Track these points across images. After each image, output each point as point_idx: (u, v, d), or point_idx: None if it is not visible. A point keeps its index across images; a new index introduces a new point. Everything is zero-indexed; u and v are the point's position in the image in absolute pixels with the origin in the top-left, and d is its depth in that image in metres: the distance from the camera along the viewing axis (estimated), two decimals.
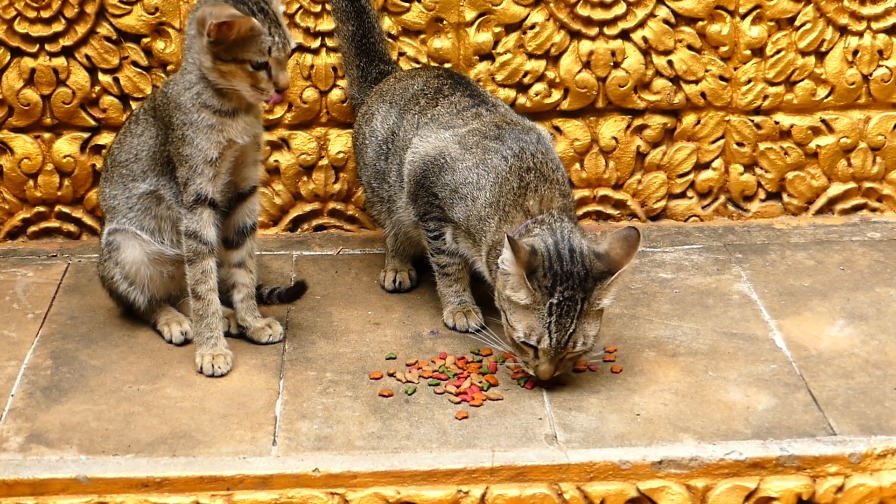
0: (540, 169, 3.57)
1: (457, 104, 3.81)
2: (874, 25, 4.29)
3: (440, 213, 3.72)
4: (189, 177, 3.53)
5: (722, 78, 4.31)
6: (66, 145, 4.25)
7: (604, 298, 3.40)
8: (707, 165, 4.41)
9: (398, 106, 3.93)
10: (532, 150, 3.60)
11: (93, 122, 4.24)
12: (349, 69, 4.19)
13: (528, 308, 3.39)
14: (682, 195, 4.44)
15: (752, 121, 4.36)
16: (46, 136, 4.25)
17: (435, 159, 3.69)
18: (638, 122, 4.35)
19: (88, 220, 4.32)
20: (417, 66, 4.21)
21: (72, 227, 4.33)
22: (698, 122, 4.36)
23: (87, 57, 4.17)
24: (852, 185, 4.44)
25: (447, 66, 4.21)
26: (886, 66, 4.33)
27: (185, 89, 3.50)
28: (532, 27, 4.23)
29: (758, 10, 4.25)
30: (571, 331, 3.37)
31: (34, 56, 4.16)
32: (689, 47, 4.28)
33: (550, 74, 4.28)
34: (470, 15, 4.22)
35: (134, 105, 4.18)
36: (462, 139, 3.69)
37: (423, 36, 4.24)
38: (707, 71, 4.30)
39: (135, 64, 4.19)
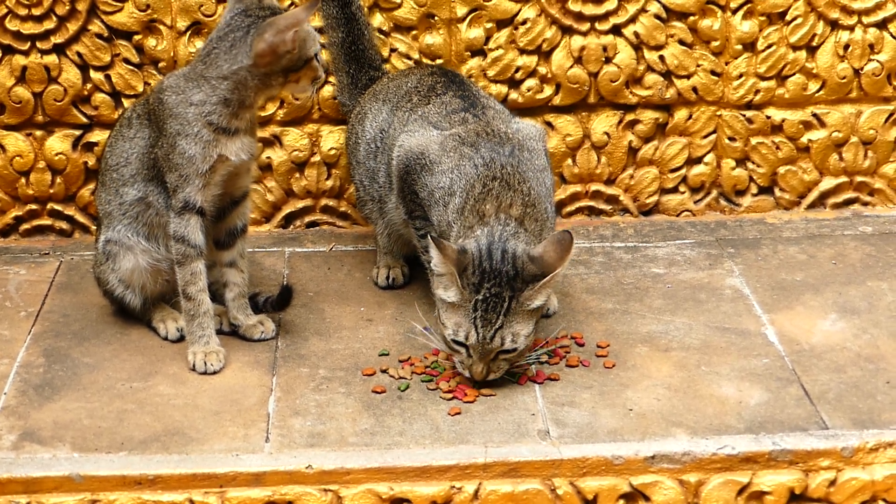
0: (506, 179, 3.55)
1: (447, 105, 3.79)
2: (865, 20, 4.30)
3: (423, 211, 3.71)
4: (178, 184, 3.52)
5: (713, 73, 4.31)
6: (58, 143, 4.24)
7: (535, 300, 3.41)
8: (699, 160, 4.41)
9: (391, 103, 3.93)
10: (502, 161, 3.58)
11: (85, 120, 4.23)
12: (339, 75, 4.18)
13: (456, 305, 3.42)
14: (674, 190, 4.44)
15: (744, 115, 4.36)
16: (38, 133, 4.24)
17: (417, 157, 3.68)
18: (630, 117, 4.35)
19: (81, 218, 4.31)
20: (410, 63, 4.21)
21: (64, 225, 4.32)
22: (690, 116, 4.36)
23: (79, 54, 4.17)
24: (844, 179, 4.45)
25: (439, 62, 4.21)
26: (877, 61, 4.33)
27: (192, 105, 3.48)
28: (523, 23, 4.23)
29: (749, 5, 4.25)
30: (498, 326, 3.39)
31: (25, 54, 4.16)
32: (681, 42, 4.28)
33: (542, 70, 4.28)
34: (461, 11, 4.22)
35: (126, 102, 4.18)
36: (443, 142, 3.68)
37: (414, 32, 4.24)
38: (698, 66, 4.31)
39: (126, 61, 4.19)
